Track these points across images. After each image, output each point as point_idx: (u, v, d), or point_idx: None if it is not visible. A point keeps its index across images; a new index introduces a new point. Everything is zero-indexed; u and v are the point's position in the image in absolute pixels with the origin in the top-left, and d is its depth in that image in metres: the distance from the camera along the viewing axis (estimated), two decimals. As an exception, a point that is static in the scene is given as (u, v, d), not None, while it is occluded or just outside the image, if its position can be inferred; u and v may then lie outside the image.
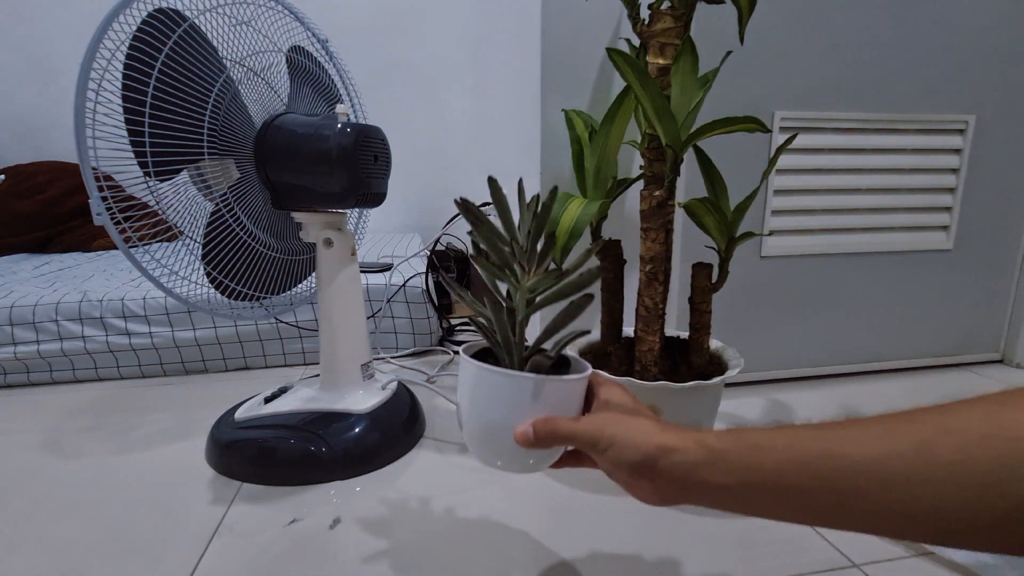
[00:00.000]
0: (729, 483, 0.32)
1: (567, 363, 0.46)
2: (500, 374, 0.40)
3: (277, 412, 0.75)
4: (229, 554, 0.57)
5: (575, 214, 0.67)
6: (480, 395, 0.42)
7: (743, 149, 0.84)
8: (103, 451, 0.78)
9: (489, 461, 0.44)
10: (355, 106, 0.88)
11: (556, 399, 0.40)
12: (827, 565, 0.55)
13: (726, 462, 0.33)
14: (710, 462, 0.33)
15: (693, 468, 0.33)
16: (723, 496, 0.33)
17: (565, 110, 0.80)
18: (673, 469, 0.34)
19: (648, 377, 0.67)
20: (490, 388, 0.41)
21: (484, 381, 0.41)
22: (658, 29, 0.60)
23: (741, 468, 0.32)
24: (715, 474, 0.33)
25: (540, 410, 0.39)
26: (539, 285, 0.41)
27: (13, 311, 1.00)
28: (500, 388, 0.40)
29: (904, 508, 0.27)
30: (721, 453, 0.33)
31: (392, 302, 1.14)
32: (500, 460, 0.43)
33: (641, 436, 0.35)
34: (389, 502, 0.65)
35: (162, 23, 0.60)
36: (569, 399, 0.41)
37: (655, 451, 0.34)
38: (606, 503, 0.65)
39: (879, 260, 0.97)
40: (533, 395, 0.39)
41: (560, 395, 0.40)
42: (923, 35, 0.90)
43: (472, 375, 0.42)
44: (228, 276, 0.69)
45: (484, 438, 0.43)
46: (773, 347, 0.97)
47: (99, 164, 0.58)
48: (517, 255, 0.41)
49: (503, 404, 0.40)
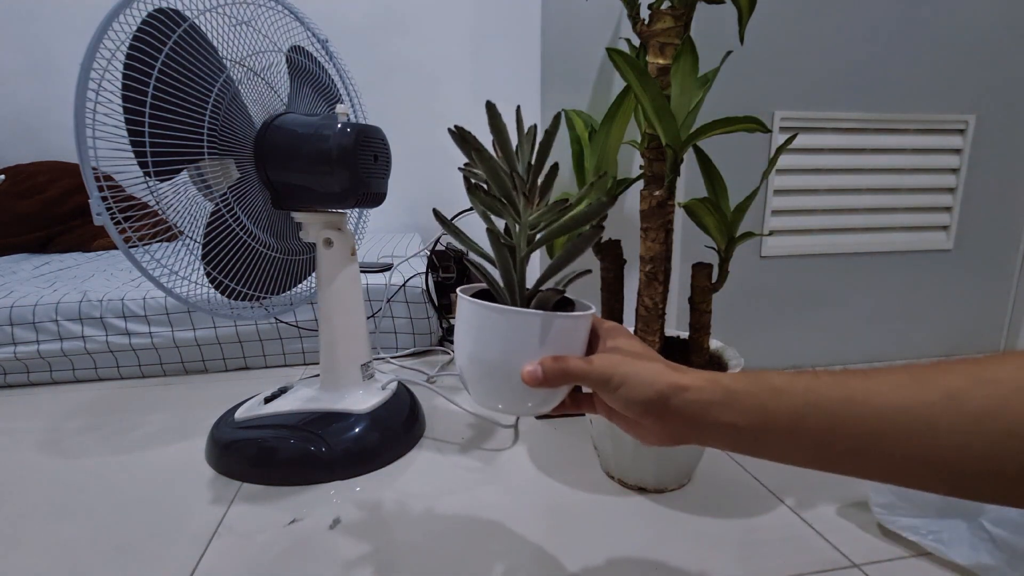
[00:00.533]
0: (744, 423, 0.32)
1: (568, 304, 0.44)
2: (505, 312, 0.38)
3: (277, 412, 0.75)
4: (229, 554, 0.57)
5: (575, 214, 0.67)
6: (483, 335, 0.39)
7: (743, 149, 0.84)
8: (103, 451, 0.78)
9: (488, 403, 0.42)
10: (355, 106, 0.88)
11: (563, 337, 0.38)
12: (827, 565, 0.55)
13: (742, 403, 0.32)
14: (725, 402, 0.33)
15: (707, 407, 0.33)
16: (736, 436, 0.33)
17: (565, 110, 0.80)
18: (686, 407, 0.34)
19: (648, 377, 0.66)
20: (494, 327, 0.38)
21: (487, 320, 0.38)
22: (658, 29, 0.59)
23: (758, 409, 0.32)
24: (730, 414, 0.32)
25: (547, 348, 0.37)
26: (541, 220, 0.39)
27: (13, 311, 1.00)
28: (505, 327, 0.38)
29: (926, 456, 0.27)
30: (737, 394, 0.32)
31: (392, 302, 1.14)
32: (501, 402, 0.41)
33: (654, 374, 0.35)
34: (389, 502, 0.65)
35: (162, 23, 0.60)
36: (575, 337, 0.39)
37: (668, 389, 0.34)
38: (606, 503, 0.65)
39: (879, 260, 0.97)
40: (540, 333, 0.37)
41: (567, 333, 0.38)
42: (923, 35, 0.90)
43: (473, 314, 0.39)
44: (228, 276, 0.69)
45: (486, 379, 0.41)
46: (773, 347, 0.97)
47: (99, 164, 0.58)
48: (518, 186, 0.38)
49: (508, 343, 0.38)
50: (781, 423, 0.31)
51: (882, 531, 0.59)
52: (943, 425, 0.26)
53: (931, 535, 0.55)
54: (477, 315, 0.39)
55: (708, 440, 0.35)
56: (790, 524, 0.61)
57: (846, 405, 0.29)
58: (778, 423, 0.31)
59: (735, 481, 0.69)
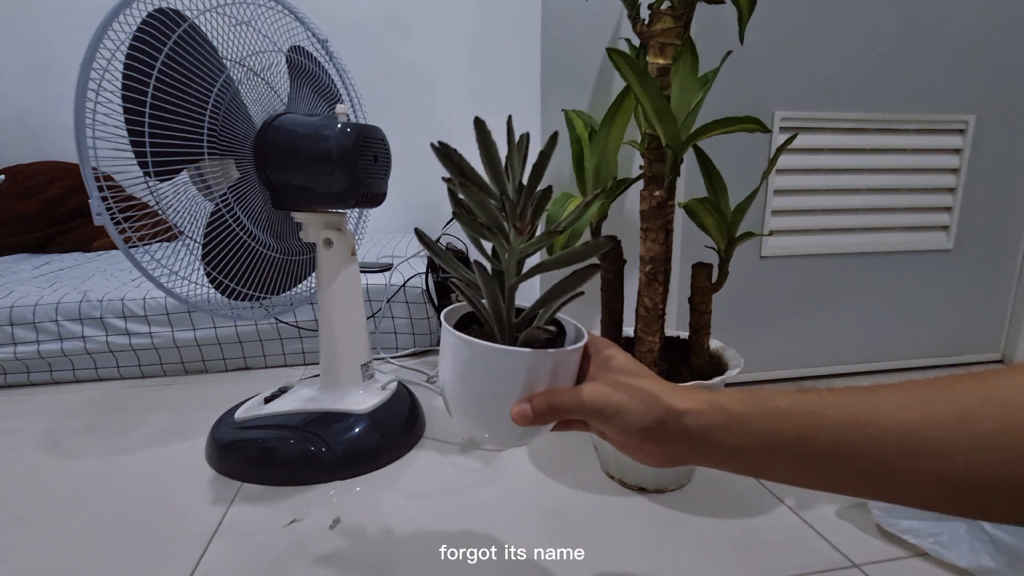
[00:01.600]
0: (747, 447, 0.31)
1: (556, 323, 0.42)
2: (491, 349, 0.35)
3: (277, 412, 0.75)
4: (229, 554, 0.57)
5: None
6: (468, 370, 0.37)
7: (743, 149, 0.84)
8: (103, 451, 0.78)
9: (477, 435, 0.40)
10: (355, 106, 0.88)
11: (553, 372, 0.36)
12: (827, 565, 0.55)
13: (744, 426, 0.32)
14: (727, 425, 0.32)
15: (708, 431, 0.32)
16: (739, 459, 0.32)
17: (565, 110, 0.80)
18: (686, 432, 0.33)
19: (648, 377, 0.66)
20: (479, 363, 0.36)
21: (473, 356, 0.36)
22: (658, 29, 0.59)
23: (761, 432, 0.31)
24: (732, 438, 0.32)
25: (536, 385, 0.36)
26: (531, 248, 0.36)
27: (13, 311, 1.00)
28: (491, 364, 0.36)
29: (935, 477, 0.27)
30: (738, 416, 0.32)
31: (392, 302, 1.14)
32: (488, 433, 0.39)
33: (649, 400, 0.34)
34: (389, 502, 0.65)
35: (162, 23, 0.60)
36: (566, 369, 0.37)
37: (665, 414, 0.33)
38: (606, 503, 0.65)
39: (879, 260, 0.97)
40: (528, 370, 0.35)
41: (557, 367, 0.36)
42: (923, 35, 0.90)
43: (459, 348, 0.36)
44: (228, 276, 0.69)
45: (473, 413, 0.39)
46: (773, 347, 0.97)
47: (99, 164, 0.58)
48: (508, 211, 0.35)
49: (495, 382, 0.36)
50: (785, 446, 0.30)
51: (881, 532, 0.59)
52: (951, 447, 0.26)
53: (931, 537, 0.55)
54: (463, 349, 0.37)
55: (709, 462, 0.34)
56: (790, 524, 0.61)
57: (852, 427, 0.29)
58: (782, 446, 0.30)
59: (735, 481, 0.69)
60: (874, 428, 0.28)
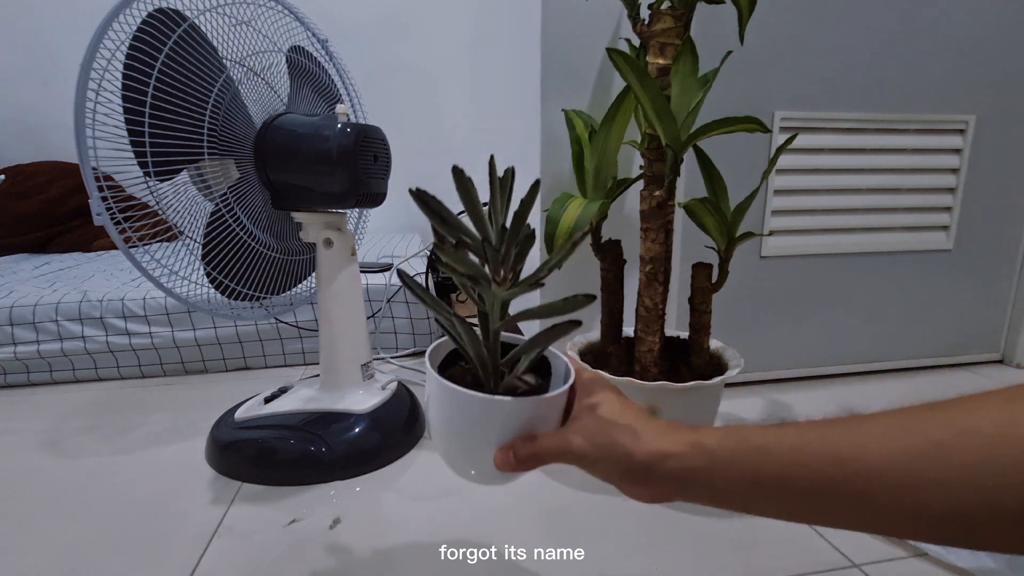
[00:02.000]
0: (730, 489, 0.32)
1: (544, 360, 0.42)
2: (471, 397, 0.36)
3: (277, 412, 0.75)
4: (229, 554, 0.57)
5: (575, 215, 0.67)
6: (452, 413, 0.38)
7: (743, 149, 0.84)
8: (103, 451, 0.78)
9: (463, 474, 0.41)
10: (355, 106, 0.88)
11: (534, 419, 0.37)
12: (827, 565, 0.55)
13: (727, 467, 0.32)
14: (709, 468, 0.32)
15: (691, 473, 0.33)
16: (723, 496, 0.33)
17: (565, 110, 0.80)
18: (670, 475, 0.33)
19: (648, 377, 0.67)
20: (462, 408, 0.37)
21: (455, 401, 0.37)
22: (658, 29, 0.59)
23: (744, 472, 0.31)
24: (716, 478, 0.32)
25: (519, 430, 0.36)
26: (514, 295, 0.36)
27: (13, 311, 1.00)
28: (472, 410, 0.37)
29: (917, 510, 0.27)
30: (721, 459, 0.32)
31: (392, 302, 1.14)
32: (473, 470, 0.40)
33: (633, 443, 0.34)
34: (389, 502, 0.65)
35: (162, 23, 0.60)
36: (549, 414, 0.38)
37: (649, 458, 0.33)
38: (606, 503, 0.65)
39: (879, 260, 0.97)
40: (510, 417, 0.36)
41: (539, 413, 0.37)
42: (923, 35, 0.90)
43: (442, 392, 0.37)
44: (228, 276, 0.69)
45: (457, 456, 0.40)
46: (773, 347, 0.97)
47: (99, 164, 0.58)
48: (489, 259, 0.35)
49: (477, 427, 0.37)
50: (769, 484, 0.31)
51: (882, 531, 0.59)
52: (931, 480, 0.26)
53: (931, 536, 0.55)
54: (447, 395, 0.37)
55: (695, 498, 0.34)
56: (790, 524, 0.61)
57: (834, 464, 0.29)
58: (766, 483, 0.31)
59: (735, 481, 0.69)
60: (856, 464, 0.28)
